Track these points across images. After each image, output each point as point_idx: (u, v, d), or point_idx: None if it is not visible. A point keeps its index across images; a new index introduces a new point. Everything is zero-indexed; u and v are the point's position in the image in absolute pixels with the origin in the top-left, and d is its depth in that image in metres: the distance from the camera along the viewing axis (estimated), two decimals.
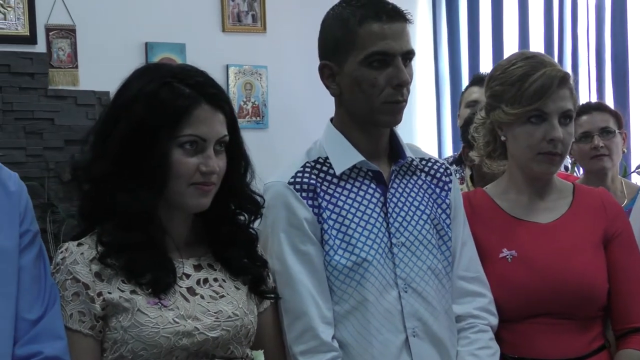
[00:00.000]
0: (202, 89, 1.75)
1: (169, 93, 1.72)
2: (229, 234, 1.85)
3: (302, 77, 5.33)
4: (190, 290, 1.76)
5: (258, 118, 5.55)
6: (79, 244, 1.74)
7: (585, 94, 4.77)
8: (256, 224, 1.92)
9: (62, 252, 1.74)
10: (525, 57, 2.10)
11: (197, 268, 1.80)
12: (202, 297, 1.76)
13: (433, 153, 2.06)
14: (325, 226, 1.90)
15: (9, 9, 4.79)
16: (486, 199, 2.19)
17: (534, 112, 2.05)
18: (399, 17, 1.90)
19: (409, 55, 1.92)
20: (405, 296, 1.92)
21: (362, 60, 1.88)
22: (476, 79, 3.66)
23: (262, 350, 1.87)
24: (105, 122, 1.77)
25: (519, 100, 2.05)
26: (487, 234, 2.11)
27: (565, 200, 2.17)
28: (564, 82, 2.06)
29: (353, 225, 1.91)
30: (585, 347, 2.05)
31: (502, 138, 2.14)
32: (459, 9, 5.70)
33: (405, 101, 1.93)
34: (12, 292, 1.60)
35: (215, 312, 1.75)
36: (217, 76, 1.83)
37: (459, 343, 1.99)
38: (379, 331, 1.89)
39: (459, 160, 3.40)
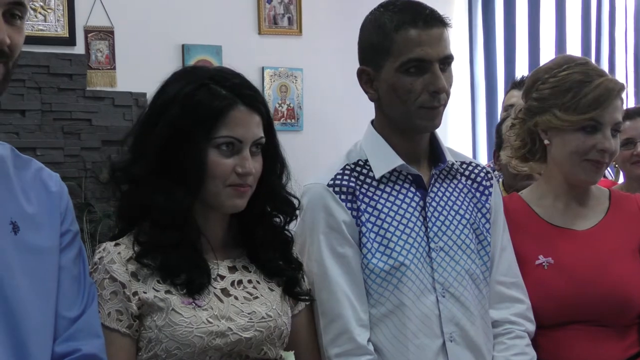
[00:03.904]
0: (238, 90, 1.76)
1: (206, 95, 1.73)
2: (265, 235, 1.85)
3: (337, 79, 5.34)
4: (225, 291, 1.77)
5: (293, 120, 5.57)
6: (116, 244, 1.76)
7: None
8: (292, 226, 1.92)
9: (99, 251, 1.76)
10: (577, 63, 2.08)
11: (232, 270, 1.81)
12: (236, 298, 1.77)
13: None
14: (364, 229, 1.89)
15: (49, 10, 4.84)
16: (522, 205, 2.18)
17: (589, 122, 2.04)
18: (437, 22, 1.87)
19: (447, 60, 1.89)
20: (443, 301, 1.90)
21: (398, 66, 1.86)
22: (516, 83, 3.64)
23: (293, 352, 1.87)
24: (144, 124, 1.79)
25: (574, 107, 2.03)
26: (523, 241, 2.10)
27: (601, 207, 2.16)
28: (619, 94, 2.06)
29: (391, 229, 1.90)
30: (621, 354, 2.03)
31: (546, 142, 2.13)
32: (495, 12, 5.66)
33: (443, 106, 1.91)
34: (52, 290, 1.61)
35: (249, 313, 1.75)
36: (253, 78, 1.84)
37: (495, 348, 1.98)
38: (415, 335, 1.87)
39: None
